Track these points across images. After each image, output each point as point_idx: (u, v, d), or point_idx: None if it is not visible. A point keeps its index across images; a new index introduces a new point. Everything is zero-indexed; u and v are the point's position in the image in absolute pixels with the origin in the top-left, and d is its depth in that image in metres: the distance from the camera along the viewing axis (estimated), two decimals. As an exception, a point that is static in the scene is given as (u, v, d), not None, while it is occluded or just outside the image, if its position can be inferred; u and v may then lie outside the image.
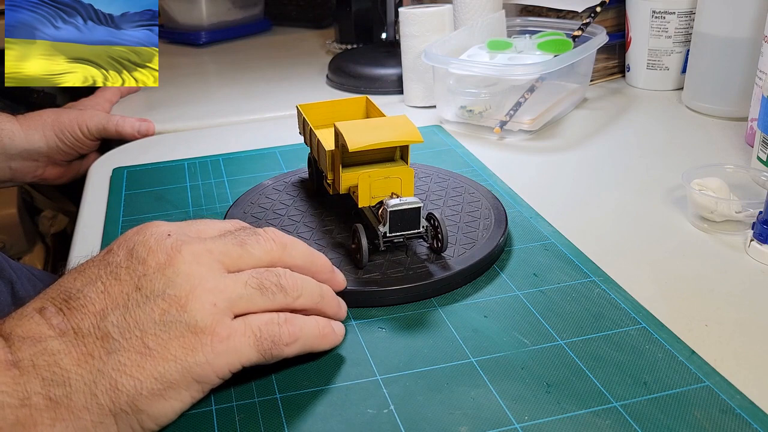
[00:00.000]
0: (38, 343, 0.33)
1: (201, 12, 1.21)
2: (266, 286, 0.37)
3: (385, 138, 0.46)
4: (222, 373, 0.36)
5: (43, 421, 0.31)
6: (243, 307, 0.37)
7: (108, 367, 0.33)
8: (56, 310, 0.34)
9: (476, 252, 0.49)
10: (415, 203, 0.46)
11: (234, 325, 0.36)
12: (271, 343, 0.37)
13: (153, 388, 0.33)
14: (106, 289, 0.35)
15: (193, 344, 0.34)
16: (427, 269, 0.47)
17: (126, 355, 0.33)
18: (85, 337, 0.33)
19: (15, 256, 1.07)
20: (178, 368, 0.34)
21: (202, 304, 0.35)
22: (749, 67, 0.73)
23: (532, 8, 0.91)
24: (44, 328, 0.33)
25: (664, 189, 0.61)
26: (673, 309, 0.45)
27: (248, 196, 0.59)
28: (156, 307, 0.35)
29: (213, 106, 0.90)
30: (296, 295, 0.39)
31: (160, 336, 0.34)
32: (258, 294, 0.37)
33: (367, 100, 0.60)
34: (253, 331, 0.36)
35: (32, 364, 0.32)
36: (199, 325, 0.35)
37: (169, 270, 0.35)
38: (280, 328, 0.37)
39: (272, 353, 0.37)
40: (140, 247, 0.36)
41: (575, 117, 0.80)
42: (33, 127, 0.75)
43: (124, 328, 0.34)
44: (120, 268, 0.36)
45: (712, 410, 0.36)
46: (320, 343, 0.40)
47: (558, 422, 0.36)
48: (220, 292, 0.36)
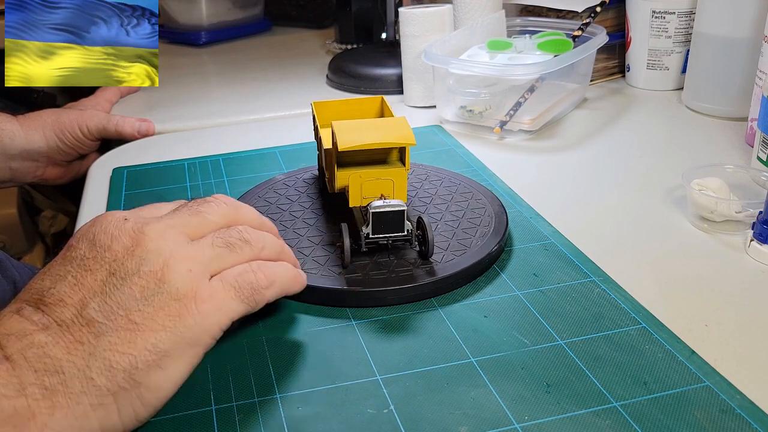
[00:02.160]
0: (24, 337, 0.33)
1: (201, 12, 1.21)
2: (232, 242, 0.39)
3: (376, 139, 0.46)
4: (213, 333, 0.36)
5: (41, 410, 0.31)
6: (216, 266, 0.38)
7: (99, 349, 0.33)
8: (33, 309, 0.34)
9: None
10: (399, 206, 0.46)
11: (213, 284, 0.37)
12: (251, 290, 0.38)
13: (148, 359, 0.34)
14: (78, 281, 0.35)
15: (179, 311, 0.35)
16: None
17: (115, 335, 0.34)
18: (69, 326, 0.34)
19: (15, 256, 1.07)
20: (169, 336, 0.35)
21: (178, 273, 0.36)
22: (749, 67, 0.73)
23: (532, 8, 0.91)
24: (26, 325, 0.34)
25: (664, 189, 0.61)
26: (673, 309, 0.45)
27: (257, 190, 0.60)
28: (134, 285, 0.35)
29: (213, 106, 0.90)
30: (260, 246, 0.40)
31: (144, 311, 0.35)
32: (227, 251, 0.39)
33: (382, 100, 0.60)
34: (231, 284, 0.37)
35: (23, 357, 0.32)
36: (181, 291, 0.35)
37: (138, 250, 0.36)
38: (256, 275, 0.38)
39: (255, 299, 0.38)
40: (102, 236, 0.37)
41: (575, 117, 0.80)
42: (33, 127, 0.75)
43: (107, 311, 0.34)
44: (86, 259, 0.36)
45: (712, 410, 0.36)
46: (293, 284, 0.41)
47: (558, 422, 0.36)
48: (192, 258, 0.37)
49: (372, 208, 0.46)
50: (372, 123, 0.49)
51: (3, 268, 0.61)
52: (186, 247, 0.37)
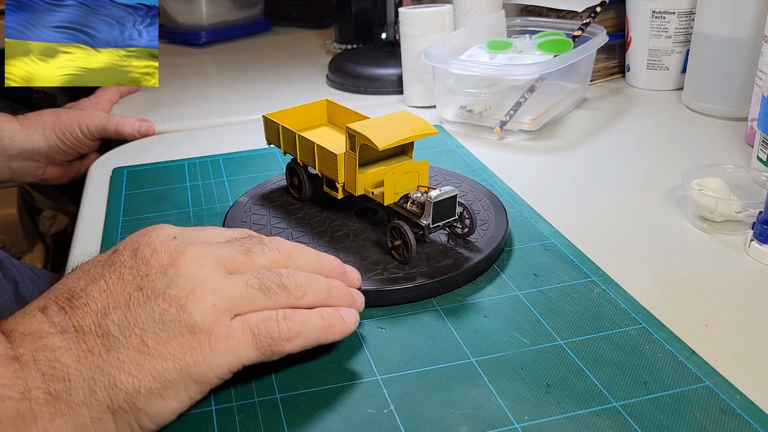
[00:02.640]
0: (39, 339, 0.33)
1: (201, 12, 1.21)
2: (268, 286, 0.37)
3: (406, 133, 0.48)
4: (221, 373, 0.36)
5: (43, 415, 0.31)
6: (244, 307, 0.37)
7: (107, 364, 0.33)
8: (58, 309, 0.34)
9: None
10: (453, 191, 0.47)
11: (233, 324, 0.36)
12: (270, 340, 0.36)
13: (151, 386, 0.33)
14: (108, 287, 0.35)
15: (191, 344, 0.34)
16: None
17: (125, 353, 0.34)
18: (85, 334, 0.34)
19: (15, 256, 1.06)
20: (176, 367, 0.34)
21: (202, 305, 0.35)
22: (749, 67, 0.73)
23: (532, 8, 0.91)
24: (45, 326, 0.34)
25: (664, 189, 0.61)
26: (673, 309, 0.45)
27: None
28: (156, 306, 0.35)
29: (213, 106, 0.90)
30: (300, 293, 0.38)
31: (159, 335, 0.34)
32: (260, 294, 0.37)
33: (328, 102, 0.60)
34: (251, 329, 0.36)
35: (33, 359, 0.32)
36: (198, 324, 0.35)
37: (171, 270, 0.36)
38: (279, 324, 0.36)
39: (272, 350, 0.36)
40: (145, 248, 0.37)
41: (575, 117, 0.80)
42: (33, 127, 0.75)
43: (124, 326, 0.34)
44: (123, 267, 0.36)
45: (712, 410, 0.36)
46: (327, 334, 0.38)
47: (558, 422, 0.36)
48: (221, 293, 0.36)
49: (433, 198, 0.46)
50: (385, 120, 0.50)
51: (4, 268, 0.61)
52: (219, 279, 0.36)
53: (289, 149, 0.56)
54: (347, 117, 0.58)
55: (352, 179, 0.49)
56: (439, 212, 0.47)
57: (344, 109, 0.59)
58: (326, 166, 0.52)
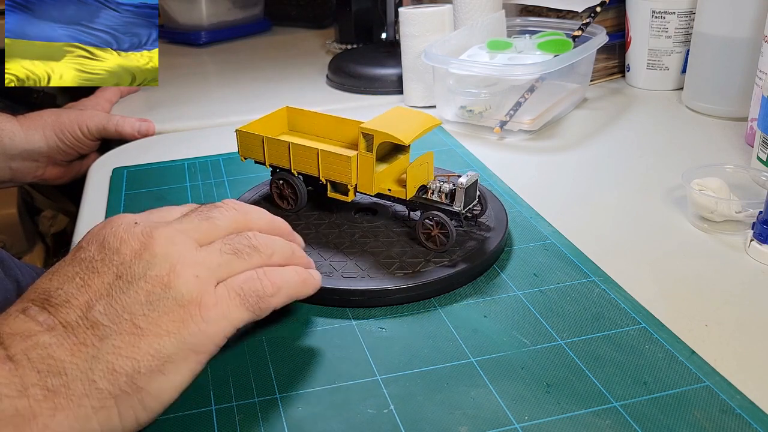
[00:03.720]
0: (28, 338, 0.33)
1: (201, 12, 1.21)
2: (240, 249, 0.39)
3: (421, 126, 0.49)
4: (217, 340, 0.36)
5: (43, 411, 0.31)
6: (224, 273, 0.38)
7: (103, 352, 0.33)
8: (39, 309, 0.34)
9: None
10: (475, 176, 0.49)
11: (218, 291, 0.37)
12: (256, 298, 0.38)
13: (150, 364, 0.34)
14: (85, 283, 0.35)
15: (183, 317, 0.35)
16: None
17: (119, 338, 0.34)
18: (74, 328, 0.34)
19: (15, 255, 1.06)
20: (173, 342, 0.34)
21: (185, 278, 0.36)
22: (749, 67, 0.73)
23: (532, 8, 0.91)
24: (32, 325, 0.34)
25: (664, 189, 0.61)
26: (673, 309, 0.45)
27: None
28: (140, 289, 0.35)
29: (213, 106, 0.90)
30: (269, 252, 0.40)
31: (149, 315, 0.35)
32: (234, 258, 0.38)
33: (288, 109, 0.60)
34: (236, 292, 0.37)
35: (26, 357, 0.32)
36: (186, 297, 0.35)
37: (146, 254, 0.36)
38: (261, 282, 0.38)
39: (260, 307, 0.38)
40: (111, 239, 0.37)
41: (575, 117, 0.80)
42: (33, 127, 0.75)
43: (112, 314, 0.34)
44: (95, 261, 0.36)
45: (712, 410, 0.36)
46: (303, 289, 0.40)
47: (558, 422, 0.36)
48: (199, 264, 0.37)
49: (464, 185, 0.48)
50: (389, 117, 0.51)
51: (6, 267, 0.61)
52: (194, 252, 0.37)
53: (278, 160, 0.54)
54: (311, 121, 0.58)
55: (368, 179, 0.50)
56: (467, 198, 0.49)
57: (305, 113, 0.58)
58: (334, 170, 0.51)
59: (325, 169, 0.52)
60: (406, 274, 0.46)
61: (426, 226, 0.49)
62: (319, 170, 0.52)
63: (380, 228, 0.52)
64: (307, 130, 0.59)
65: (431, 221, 0.49)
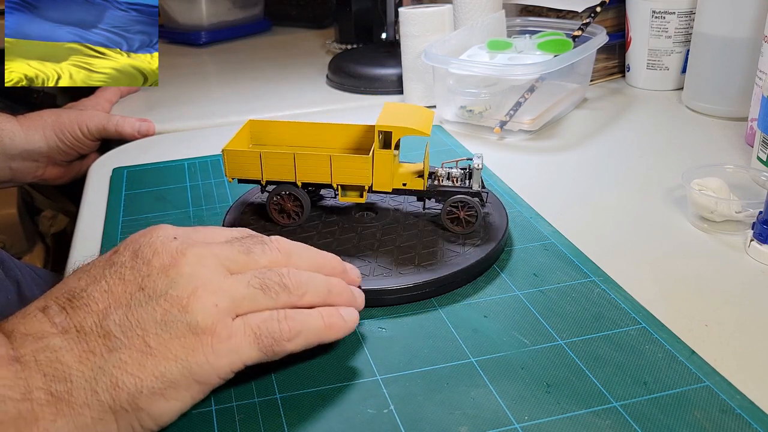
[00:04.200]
0: (40, 339, 0.33)
1: (201, 12, 1.21)
2: (269, 285, 0.37)
3: (425, 116, 0.52)
4: (223, 373, 0.36)
5: (45, 415, 0.31)
6: (246, 307, 0.37)
7: (109, 365, 0.33)
8: (59, 309, 0.34)
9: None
10: (480, 155, 0.52)
11: (234, 325, 0.36)
12: (271, 340, 0.36)
13: (153, 386, 0.33)
14: (110, 288, 0.35)
15: (194, 344, 0.34)
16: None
17: (127, 353, 0.33)
18: (87, 335, 0.34)
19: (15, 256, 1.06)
20: (178, 368, 0.34)
21: (203, 305, 0.35)
22: (749, 67, 0.73)
23: (532, 8, 0.91)
24: (47, 326, 0.34)
25: (664, 189, 0.61)
26: (673, 309, 0.45)
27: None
28: (158, 307, 0.35)
29: (213, 106, 0.90)
30: (301, 293, 0.38)
31: (161, 335, 0.34)
32: (261, 294, 0.37)
33: (250, 122, 0.57)
34: (252, 330, 0.36)
35: (34, 359, 0.32)
36: (200, 325, 0.35)
37: (172, 271, 0.36)
38: (280, 325, 0.37)
39: (274, 350, 0.37)
40: (146, 249, 0.37)
41: (575, 117, 0.80)
42: (33, 127, 0.75)
43: (126, 326, 0.34)
44: (125, 268, 0.36)
45: (712, 410, 0.36)
46: (327, 334, 0.38)
47: (558, 422, 0.36)
48: (223, 293, 0.36)
49: (480, 166, 0.51)
50: (390, 113, 0.51)
51: (6, 268, 0.61)
52: (221, 279, 0.36)
53: (279, 174, 0.51)
54: (275, 130, 0.56)
55: (387, 177, 0.50)
56: (480, 177, 0.51)
57: (269, 123, 0.56)
58: (349, 174, 0.50)
59: (338, 174, 0.51)
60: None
61: (451, 210, 0.51)
62: (332, 176, 0.51)
63: (389, 225, 0.52)
64: (276, 141, 0.56)
65: (454, 205, 0.50)
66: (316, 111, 0.87)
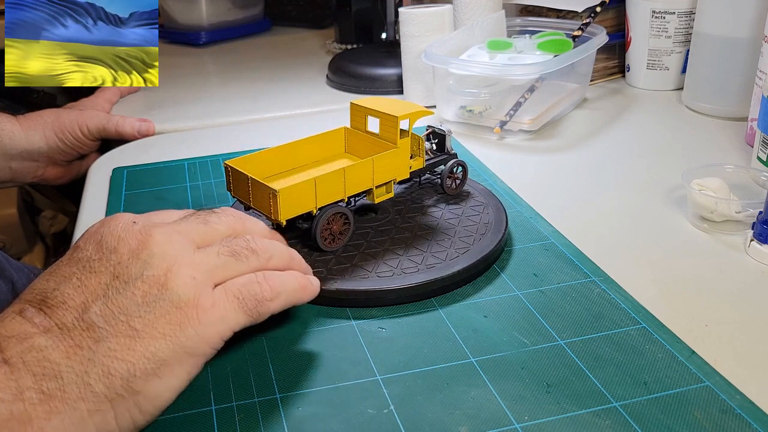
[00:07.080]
0: (24, 340, 0.33)
1: (201, 12, 1.21)
2: (238, 251, 0.38)
3: (413, 104, 0.54)
4: (214, 343, 0.36)
5: (38, 415, 0.31)
6: (221, 275, 0.37)
7: (98, 355, 0.33)
8: (36, 310, 0.34)
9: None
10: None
11: (216, 293, 0.36)
12: (255, 302, 0.37)
13: (146, 367, 0.34)
14: (82, 283, 0.35)
15: (180, 319, 0.35)
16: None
17: (114, 341, 0.33)
18: (70, 330, 0.34)
19: (15, 256, 1.07)
20: (168, 345, 0.34)
21: (182, 280, 0.35)
22: (749, 67, 0.73)
23: (532, 8, 0.91)
24: (27, 327, 0.33)
25: (664, 189, 0.61)
26: (673, 309, 0.45)
27: None
28: (137, 290, 0.35)
29: (213, 106, 0.90)
30: (268, 256, 0.39)
31: (145, 317, 0.34)
32: (232, 260, 0.38)
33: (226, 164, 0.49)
34: (235, 295, 0.37)
35: (21, 360, 0.32)
36: (182, 299, 0.35)
37: (143, 253, 0.36)
38: (261, 286, 0.38)
39: (258, 311, 0.37)
40: (109, 238, 0.37)
41: (575, 117, 0.80)
42: (33, 127, 0.75)
43: (108, 315, 0.34)
44: (92, 261, 0.36)
45: (712, 410, 0.36)
46: (302, 295, 0.40)
47: (558, 422, 0.36)
48: (197, 266, 0.36)
49: (449, 132, 0.57)
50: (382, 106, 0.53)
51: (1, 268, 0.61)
52: (191, 253, 0.37)
53: (329, 197, 0.47)
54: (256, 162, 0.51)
55: (405, 164, 0.53)
56: None
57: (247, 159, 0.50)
58: (387, 171, 0.50)
59: (379, 175, 0.50)
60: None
61: (450, 173, 0.57)
62: (373, 179, 0.50)
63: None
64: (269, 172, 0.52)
65: (457, 167, 0.57)
66: (316, 111, 0.87)
